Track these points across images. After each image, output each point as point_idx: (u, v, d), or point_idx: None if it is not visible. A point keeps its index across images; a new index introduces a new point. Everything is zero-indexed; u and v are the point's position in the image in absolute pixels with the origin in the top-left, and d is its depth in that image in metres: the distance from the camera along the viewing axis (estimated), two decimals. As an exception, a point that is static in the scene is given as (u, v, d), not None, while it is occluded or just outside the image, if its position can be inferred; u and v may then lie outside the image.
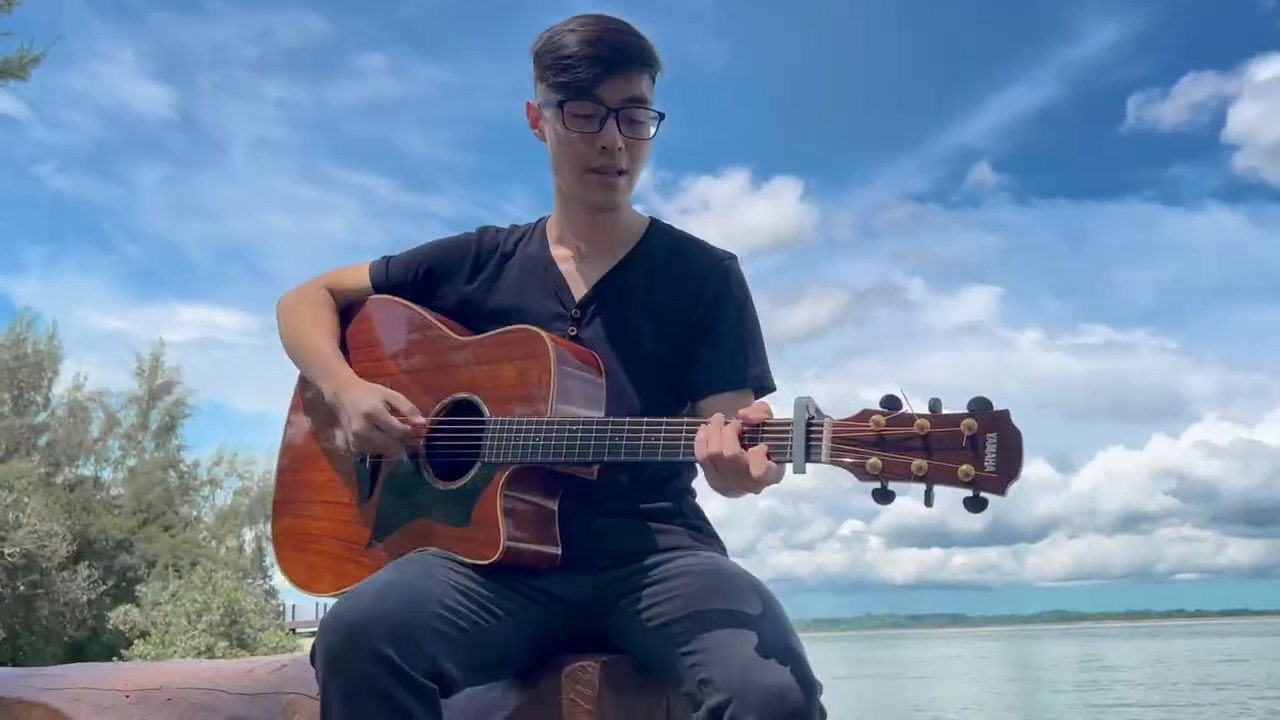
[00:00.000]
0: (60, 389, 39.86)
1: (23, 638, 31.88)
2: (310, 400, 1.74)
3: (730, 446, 1.26)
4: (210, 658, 28.88)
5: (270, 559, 47.83)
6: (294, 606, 53.26)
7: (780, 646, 1.29)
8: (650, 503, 1.60)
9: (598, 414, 1.53)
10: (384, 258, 1.79)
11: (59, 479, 37.87)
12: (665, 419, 1.39)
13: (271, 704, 1.78)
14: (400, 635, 1.29)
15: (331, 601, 1.45)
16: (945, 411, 1.17)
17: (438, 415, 1.59)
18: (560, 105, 1.56)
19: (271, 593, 45.34)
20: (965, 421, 1.15)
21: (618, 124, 1.57)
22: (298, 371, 1.78)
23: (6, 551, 30.24)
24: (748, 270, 1.70)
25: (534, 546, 1.49)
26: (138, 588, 34.22)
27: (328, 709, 1.30)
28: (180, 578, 33.57)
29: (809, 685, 1.26)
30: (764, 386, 1.64)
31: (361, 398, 1.58)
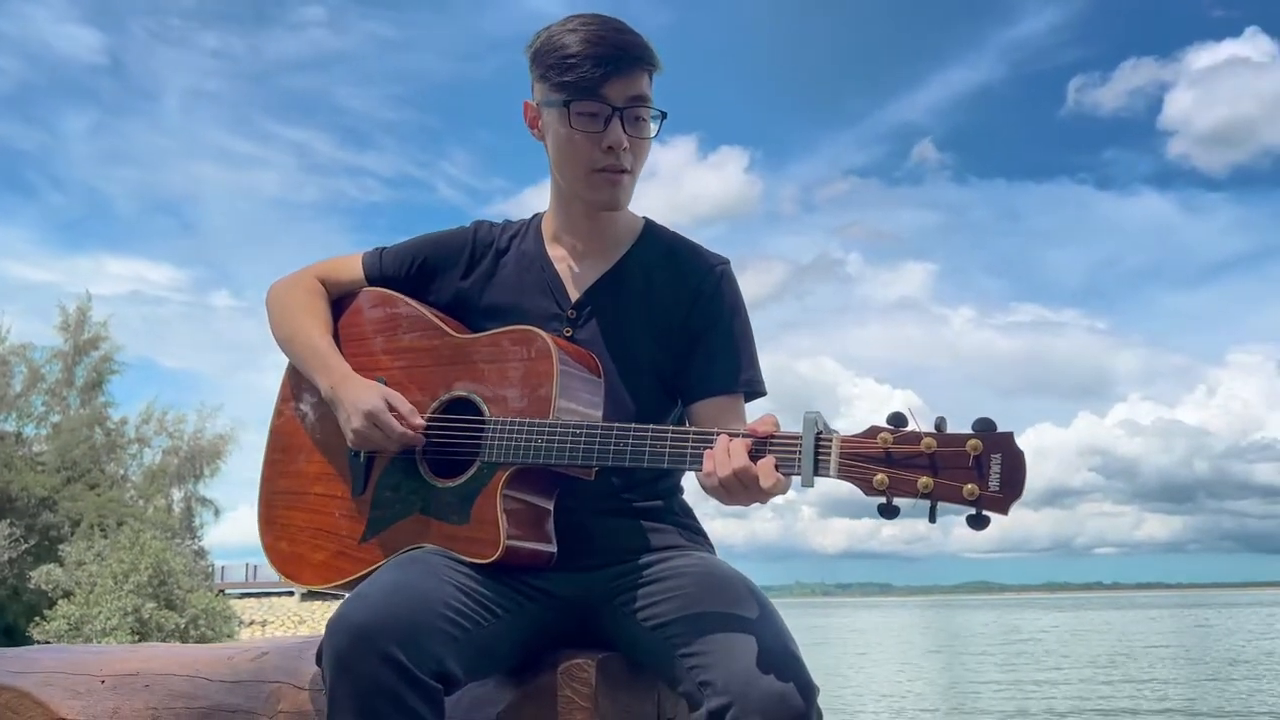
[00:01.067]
0: (-19, 342, 38.77)
1: (-60, 596, 31.12)
2: (300, 391, 1.73)
3: (739, 459, 1.29)
4: (138, 619, 28.49)
5: (199, 519, 47.15)
6: (223, 568, 52.68)
7: (780, 651, 1.33)
8: (642, 501, 1.62)
9: (597, 416, 1.54)
10: (377, 249, 1.78)
11: (-22, 434, 36.85)
12: (672, 427, 1.42)
13: (254, 692, 1.78)
14: (408, 637, 1.30)
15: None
16: (950, 431, 1.20)
17: (434, 412, 1.59)
18: (566, 105, 1.57)
19: (201, 553, 44.78)
20: (971, 442, 1.19)
21: (622, 123, 1.57)
22: (284, 360, 1.77)
23: (-77, 508, 29.43)
24: (695, 237, 1.72)
25: (531, 545, 1.51)
26: (61, 547, 33.51)
27: (336, 711, 1.31)
28: (106, 537, 32.94)
29: (808, 689, 1.31)
30: (755, 391, 1.67)
31: (361, 395, 1.57)
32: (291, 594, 52.96)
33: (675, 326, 1.66)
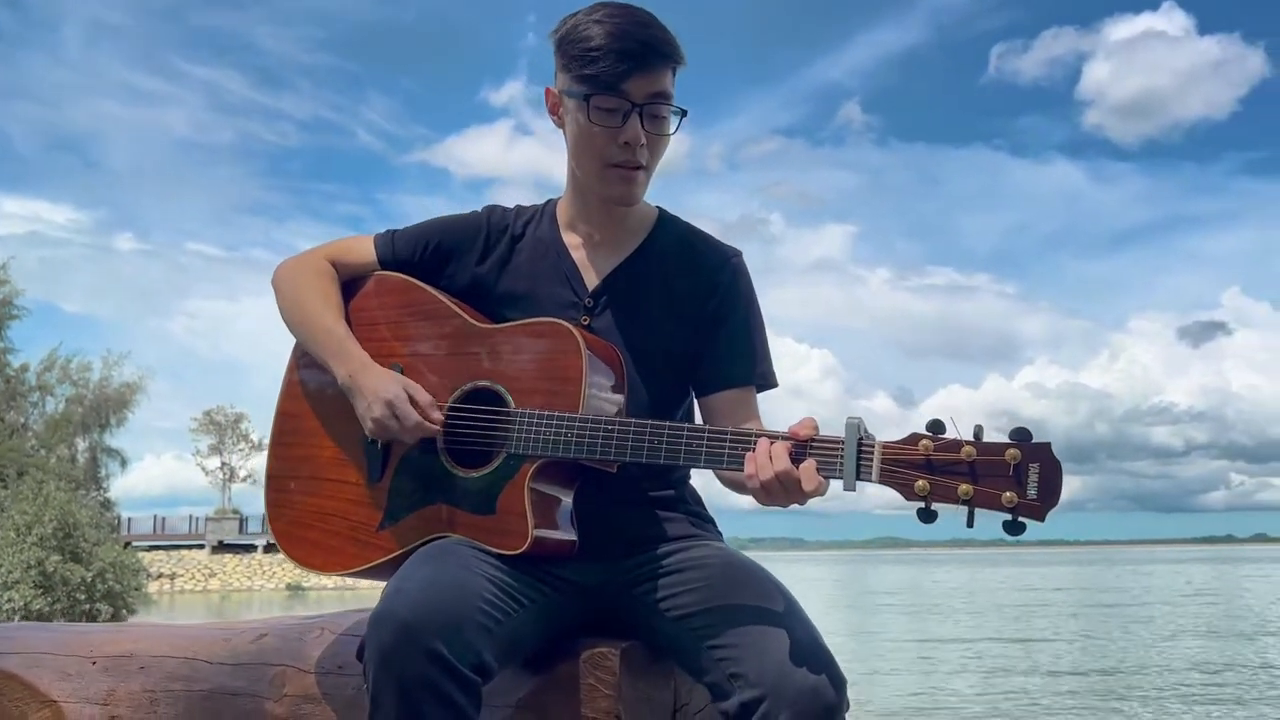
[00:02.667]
0: None
1: None
2: (311, 374, 1.71)
3: (782, 462, 1.32)
4: (41, 572, 27.68)
5: (105, 470, 45.94)
6: (130, 520, 51.51)
7: (810, 645, 1.38)
8: (657, 490, 1.65)
9: (620, 409, 1.56)
10: (388, 231, 1.76)
11: None
12: (709, 427, 1.44)
13: (257, 675, 1.77)
14: (450, 631, 1.31)
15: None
16: (988, 440, 1.25)
17: (455, 401, 1.59)
18: (586, 99, 1.56)
19: (107, 505, 43.68)
20: (1010, 451, 1.24)
21: (641, 119, 1.58)
22: (292, 341, 1.74)
23: None
24: None
25: (555, 535, 1.52)
26: (-42, 497, 32.37)
27: (380, 705, 1.32)
28: (6, 488, 31.91)
29: (839, 683, 1.36)
30: (768, 383, 1.70)
31: (382, 384, 1.56)
32: (202, 547, 52.09)
33: (691, 317, 1.67)
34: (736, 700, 1.36)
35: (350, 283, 1.74)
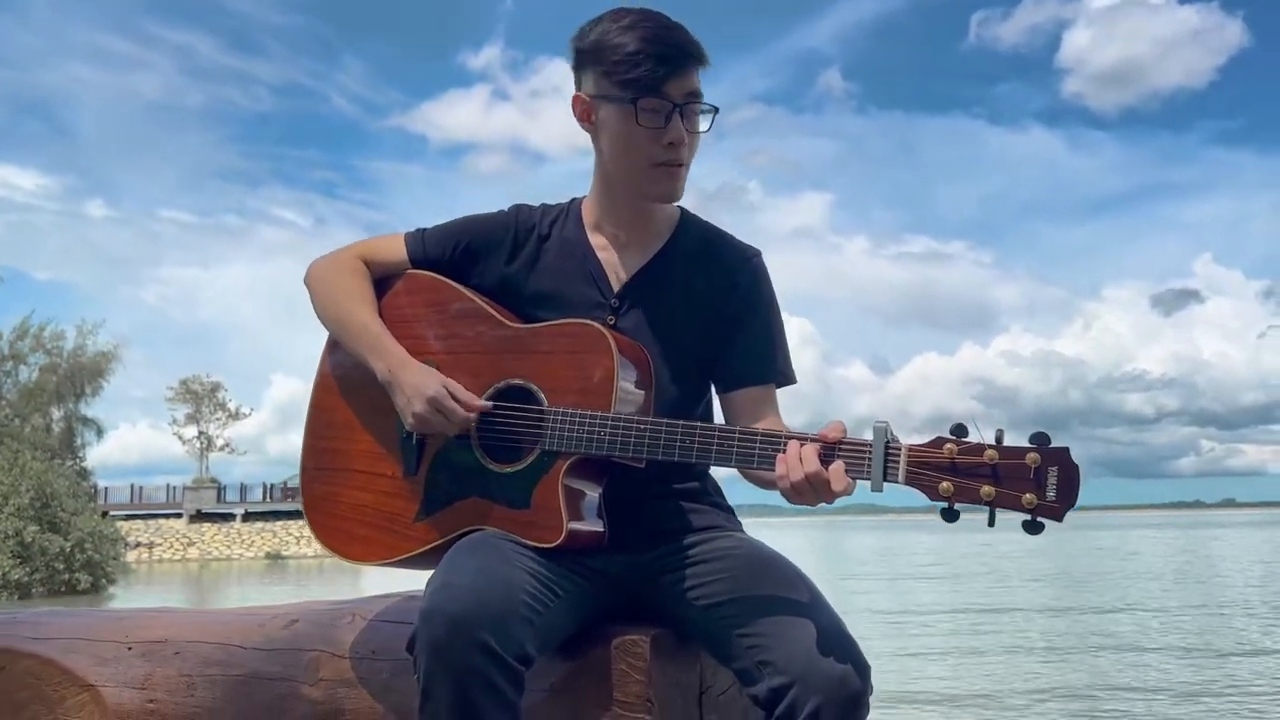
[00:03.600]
0: None
1: None
2: (343, 369, 1.76)
3: (812, 464, 1.39)
4: (19, 543, 27.57)
5: (81, 439, 45.69)
6: (106, 489, 51.29)
7: (836, 633, 1.45)
8: (681, 482, 1.71)
9: (648, 408, 1.62)
10: (418, 230, 1.80)
11: None
12: (740, 428, 1.51)
13: (292, 660, 1.83)
14: (498, 624, 1.38)
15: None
16: (1009, 444, 1.32)
17: (488, 398, 1.65)
18: (633, 102, 1.62)
19: (84, 474, 43.50)
20: (1030, 455, 1.31)
21: (681, 119, 1.64)
22: (324, 335, 1.79)
23: None
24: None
25: (587, 528, 1.59)
26: (-67, 467, 32.13)
27: (431, 695, 1.38)
28: (-19, 457, 31.72)
29: (864, 670, 1.43)
30: (787, 380, 1.77)
31: (423, 381, 1.62)
32: (180, 516, 52.00)
33: (712, 316, 1.74)
34: (765, 686, 1.44)
35: (382, 281, 1.79)
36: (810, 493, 1.41)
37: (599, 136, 1.71)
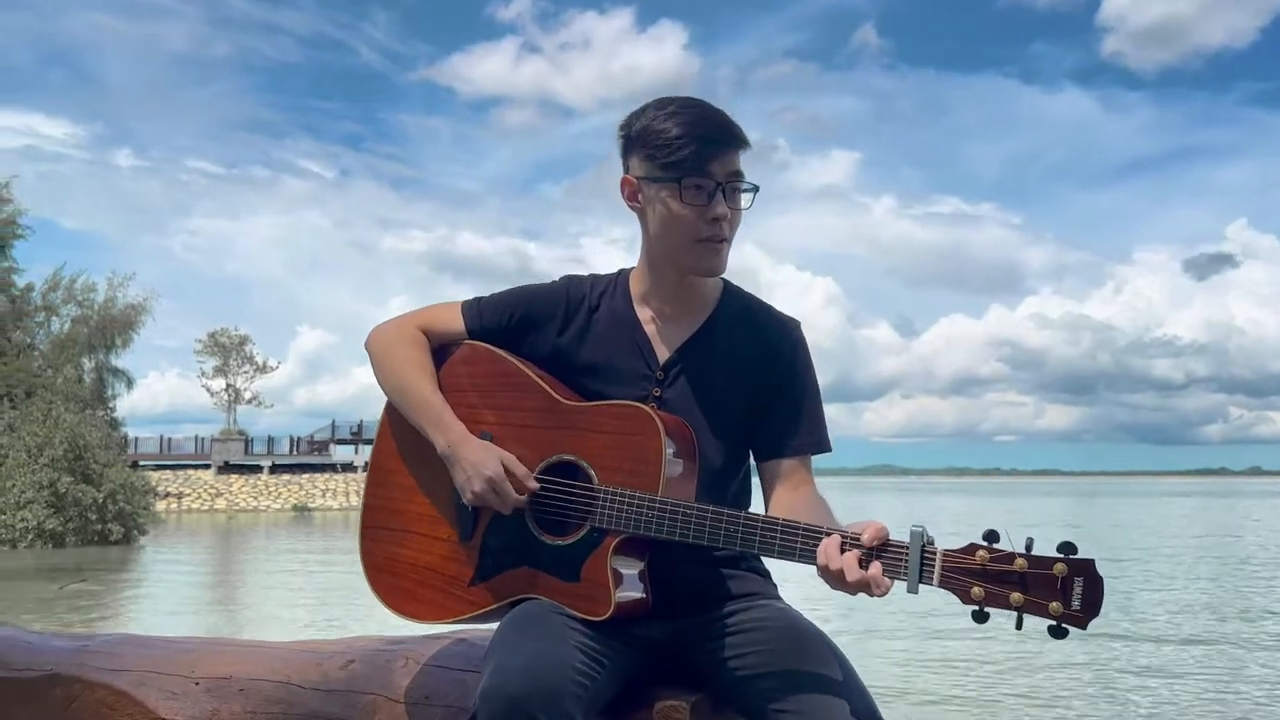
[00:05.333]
0: (-127, 201, 36.84)
1: None
2: (405, 432, 1.85)
3: (854, 572, 1.48)
4: (54, 493, 28.09)
5: (111, 390, 46.27)
6: (136, 439, 52.06)
7: (867, 714, 1.55)
8: (722, 550, 1.80)
9: (691, 488, 1.71)
10: (475, 300, 1.89)
11: (-125, 297, 35.32)
12: (783, 520, 1.59)
13: (350, 702, 1.94)
14: (552, 703, 1.48)
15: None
16: (1038, 553, 1.40)
17: (541, 472, 1.74)
18: (678, 181, 1.72)
19: (114, 424, 44.14)
20: (1057, 565, 1.39)
21: (724, 196, 1.73)
22: (385, 401, 1.88)
23: None
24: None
25: (632, 597, 1.68)
26: (-32, 417, 32.74)
27: None
28: (15, 408, 32.25)
29: None
30: (822, 449, 1.85)
31: (482, 459, 1.71)
32: (208, 467, 52.74)
33: (753, 387, 1.82)
34: None
35: (440, 349, 1.87)
36: (848, 589, 1.49)
37: (645, 215, 1.79)
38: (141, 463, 46.16)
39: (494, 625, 1.73)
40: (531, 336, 1.85)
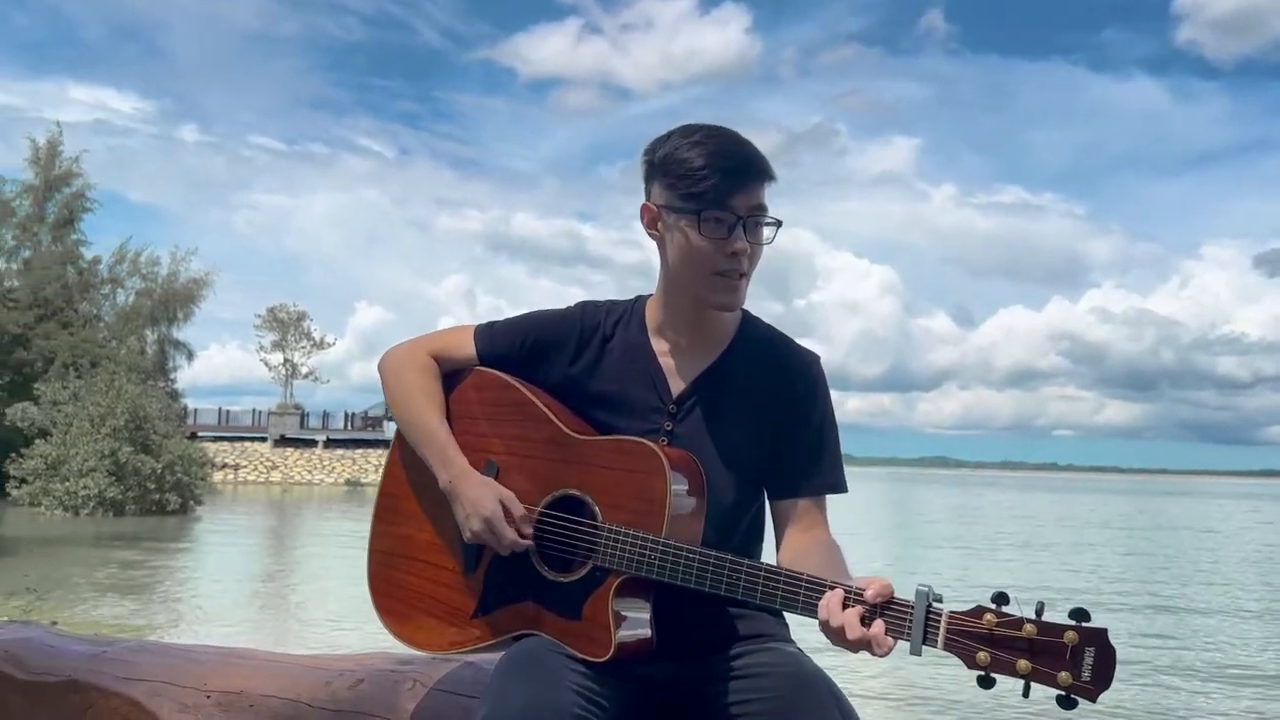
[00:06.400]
0: (-50, 172, 37.86)
1: (-87, 428, 31.25)
2: (414, 460, 1.83)
3: (854, 630, 1.43)
4: (115, 462, 28.74)
5: (173, 362, 47.24)
6: (195, 410, 53.11)
7: None
8: (724, 595, 1.76)
9: (698, 526, 1.67)
10: (488, 325, 1.86)
11: (-51, 267, 36.38)
12: (786, 570, 1.55)
13: (355, 723, 1.95)
14: None
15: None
16: (1048, 619, 1.34)
17: (545, 506, 1.71)
18: (697, 214, 1.68)
19: (175, 395, 45.08)
20: (1068, 634, 1.33)
21: (744, 231, 1.68)
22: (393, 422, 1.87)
23: (-104, 340, 29.28)
24: (686, 95, 1.84)
25: (635, 637, 1.65)
26: (35, 385, 33.64)
27: None
28: (80, 378, 33.07)
29: None
30: (837, 490, 1.80)
31: (480, 498, 1.69)
32: (264, 440, 53.70)
33: (769, 423, 1.77)
34: None
35: (452, 374, 1.85)
36: (848, 647, 1.45)
37: (664, 244, 1.75)
38: (200, 434, 47.13)
39: (499, 654, 1.71)
40: (543, 364, 1.82)
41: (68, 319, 39.33)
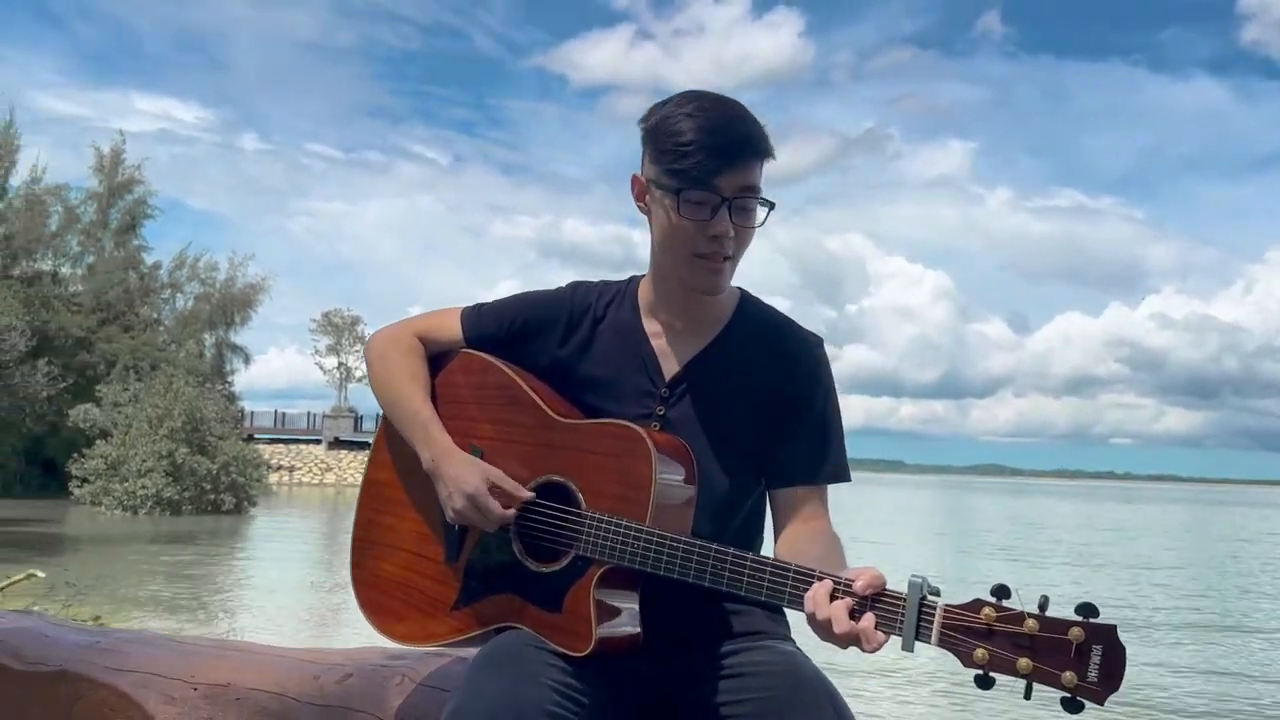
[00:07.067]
0: (17, 180, 38.91)
1: (-18, 429, 32.11)
2: (399, 447, 1.76)
3: (842, 624, 1.33)
4: (172, 463, 29.26)
5: (230, 365, 48.04)
6: (252, 413, 53.96)
7: None
8: (708, 587, 1.66)
9: (688, 516, 1.58)
10: (475, 306, 1.79)
11: (16, 272, 37.36)
12: (772, 560, 1.45)
13: (338, 718, 1.88)
14: None
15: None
16: (1052, 614, 1.23)
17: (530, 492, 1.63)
18: (676, 193, 1.57)
19: (231, 398, 45.85)
20: (1074, 630, 1.21)
21: (730, 213, 1.57)
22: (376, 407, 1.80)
23: (-36, 344, 30.10)
24: (738, 100, 1.66)
25: (619, 633, 1.56)
26: (97, 387, 34.38)
27: None
28: (140, 380, 33.75)
29: None
30: (839, 479, 1.70)
31: (464, 475, 1.61)
32: (319, 442, 54.36)
33: (767, 409, 1.67)
34: None
35: (438, 357, 1.78)
36: (834, 640, 1.35)
37: (651, 219, 1.66)
38: (257, 436, 47.85)
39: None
40: (531, 347, 1.74)
41: (129, 323, 40.18)
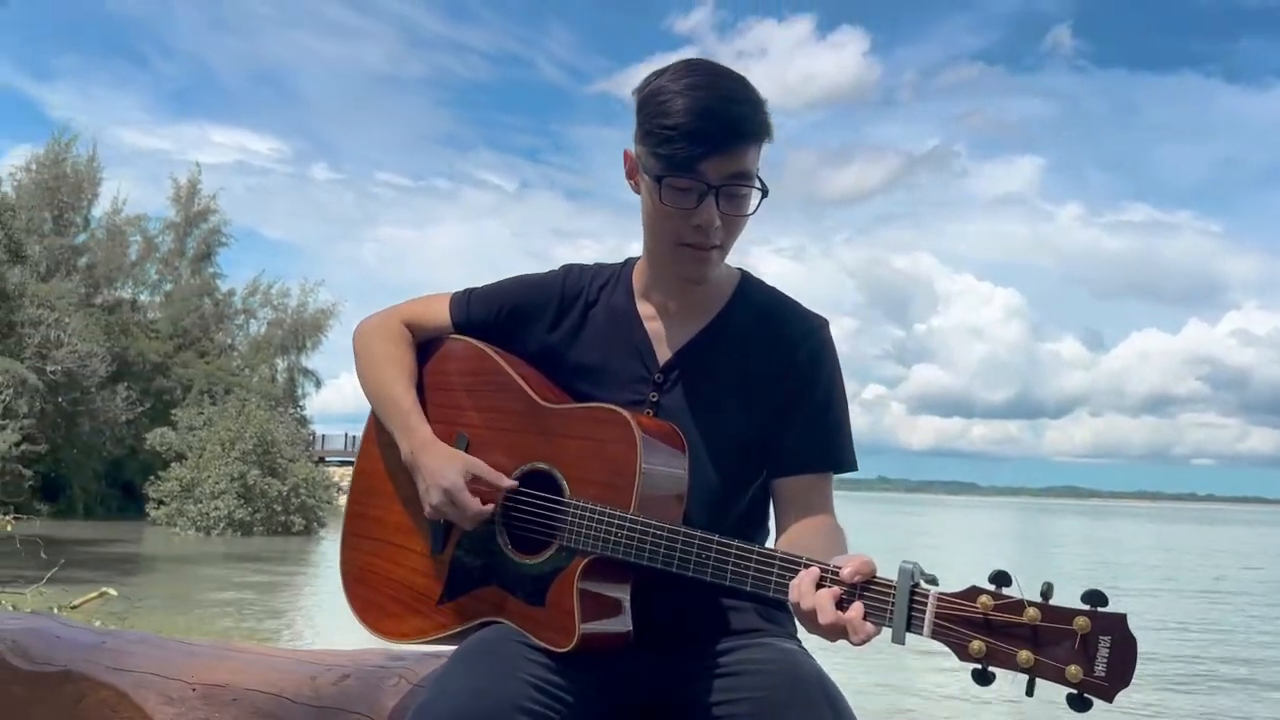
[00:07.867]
0: (99, 211, 40.24)
1: (64, 451, 33.09)
2: (386, 438, 1.71)
3: (827, 614, 1.23)
4: (243, 485, 29.81)
5: (301, 389, 48.96)
6: (323, 436, 54.85)
7: None
8: (692, 577, 1.57)
9: (679, 505, 1.49)
10: (465, 291, 1.73)
11: (98, 300, 38.54)
12: (758, 548, 1.36)
13: (332, 718, 1.82)
14: None
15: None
16: (1056, 603, 1.12)
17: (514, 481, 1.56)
18: (659, 179, 1.48)
19: (303, 421, 46.69)
20: (1079, 620, 1.10)
21: (717, 201, 1.48)
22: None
23: (49, 369, 31.07)
24: (802, 121, 1.60)
25: (606, 630, 1.48)
26: (173, 411, 35.24)
27: None
28: (214, 403, 34.51)
29: None
30: (844, 468, 1.60)
31: (441, 468, 1.55)
32: (388, 465, 55.02)
33: (767, 395, 1.58)
34: None
35: (427, 344, 1.72)
36: (821, 633, 1.25)
37: (641, 199, 1.58)
38: (328, 459, 48.51)
39: None
40: (521, 332, 1.67)
41: (204, 348, 41.18)
